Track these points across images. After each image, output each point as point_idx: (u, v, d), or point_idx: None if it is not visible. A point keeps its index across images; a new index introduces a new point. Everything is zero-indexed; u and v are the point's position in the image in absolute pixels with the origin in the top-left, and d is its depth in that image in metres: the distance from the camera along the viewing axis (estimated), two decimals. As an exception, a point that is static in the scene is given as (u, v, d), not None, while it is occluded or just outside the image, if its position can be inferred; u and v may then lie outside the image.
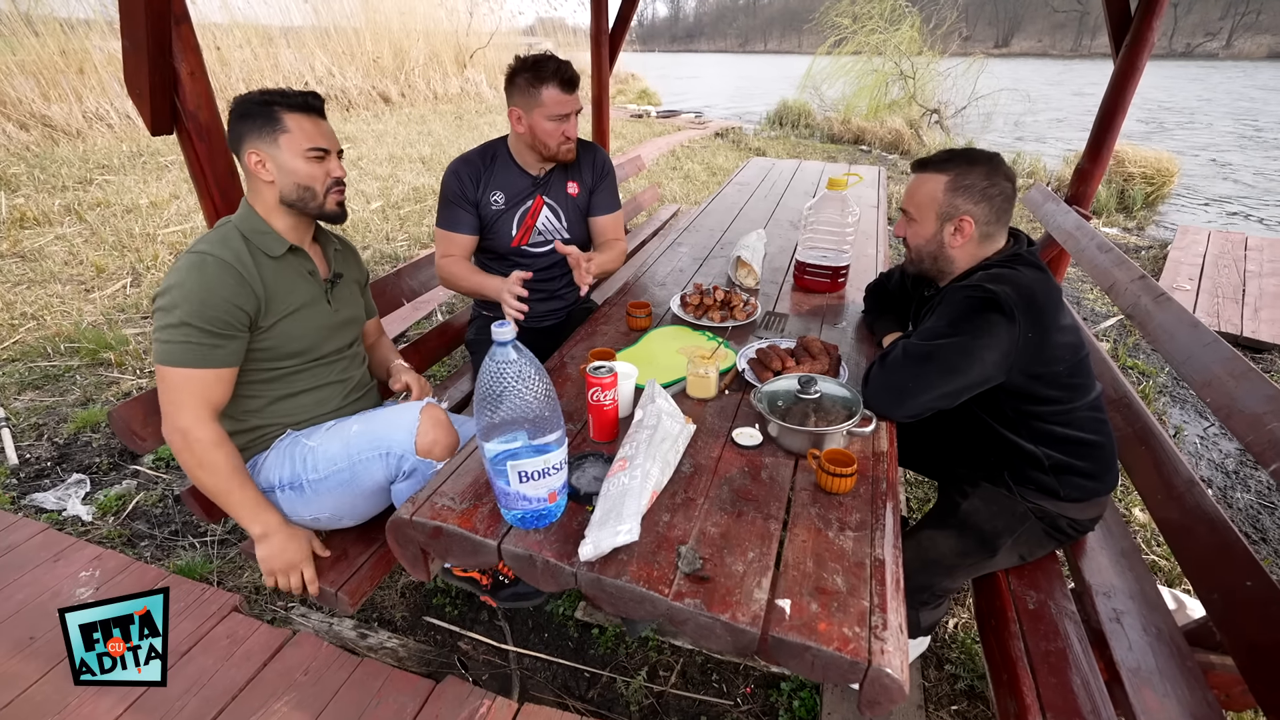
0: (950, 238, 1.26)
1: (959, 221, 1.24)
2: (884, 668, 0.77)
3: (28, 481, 2.24)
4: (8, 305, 3.49)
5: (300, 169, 1.22)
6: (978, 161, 1.24)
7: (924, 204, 1.27)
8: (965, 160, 1.24)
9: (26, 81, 7.70)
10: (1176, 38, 68.69)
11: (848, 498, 1.04)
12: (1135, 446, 1.52)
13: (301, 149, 1.21)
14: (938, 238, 1.27)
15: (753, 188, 3.23)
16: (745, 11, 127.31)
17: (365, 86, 11.87)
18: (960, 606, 1.81)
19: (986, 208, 1.23)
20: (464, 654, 1.65)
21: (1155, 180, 6.38)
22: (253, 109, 1.20)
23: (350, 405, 1.42)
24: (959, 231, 1.24)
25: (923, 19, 10.85)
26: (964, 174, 1.23)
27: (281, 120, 1.20)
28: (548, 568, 0.93)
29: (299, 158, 1.22)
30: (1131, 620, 1.21)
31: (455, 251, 1.80)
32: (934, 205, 1.26)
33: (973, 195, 1.22)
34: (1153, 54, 2.55)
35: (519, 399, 0.85)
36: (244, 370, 1.24)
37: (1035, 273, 1.18)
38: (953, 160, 1.25)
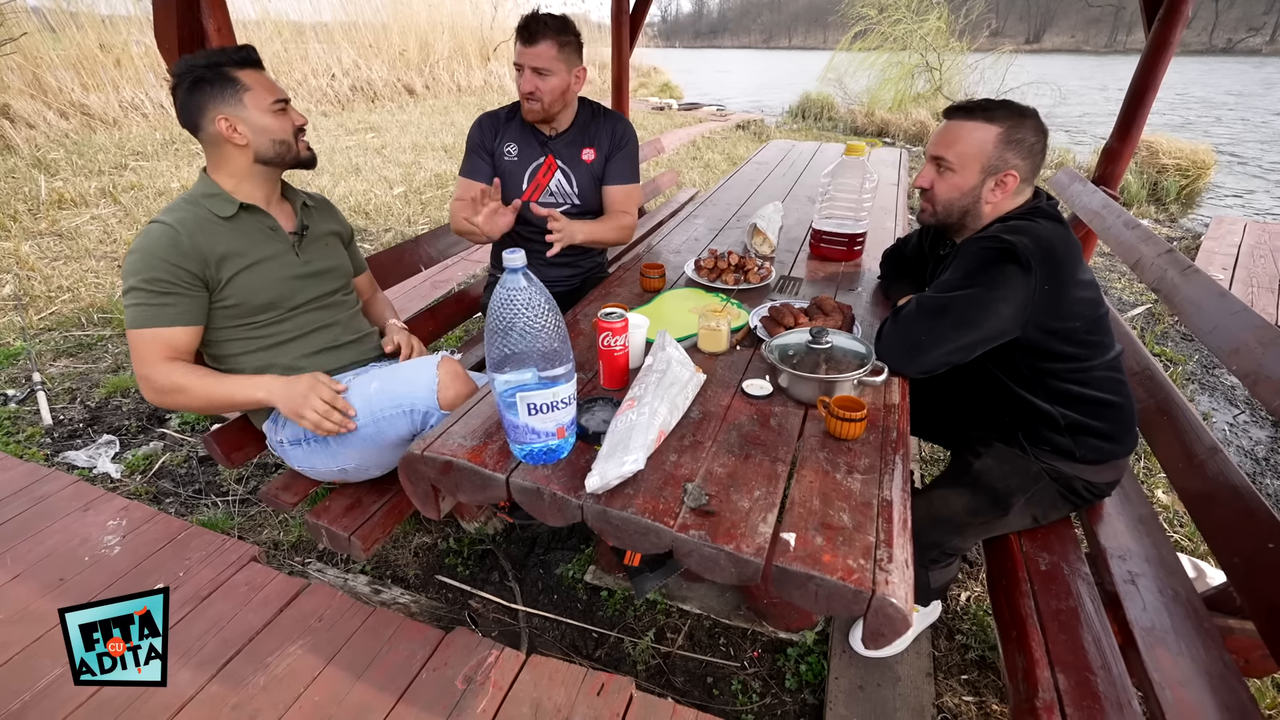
0: (990, 192, 1.21)
1: (1004, 176, 1.19)
2: (888, 597, 0.77)
3: (61, 441, 2.32)
4: (45, 279, 3.61)
5: (271, 124, 1.24)
6: (1027, 114, 1.19)
7: (969, 154, 1.20)
8: (1015, 112, 1.19)
9: (67, 73, 7.94)
10: (1218, 33, 66.53)
11: (857, 444, 1.03)
12: (1156, 417, 1.49)
13: (267, 104, 1.23)
14: (976, 190, 1.22)
15: (771, 166, 3.21)
16: (770, 7, 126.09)
17: (390, 79, 12.03)
18: (973, 580, 1.79)
19: (1031, 164, 1.19)
20: (474, 611, 1.67)
21: (1190, 172, 6.19)
22: (205, 74, 1.19)
23: (341, 349, 1.44)
24: (1000, 186, 1.20)
25: (950, 9, 10.66)
26: (1017, 126, 1.18)
27: (239, 79, 1.21)
28: (555, 500, 0.94)
29: (267, 113, 1.23)
30: (1147, 583, 1.18)
31: (465, 199, 1.79)
32: (981, 156, 1.19)
33: (1022, 150, 1.18)
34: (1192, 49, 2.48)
35: (528, 327, 0.86)
36: (227, 329, 1.29)
37: (1054, 225, 1.16)
38: (1001, 110, 1.19)
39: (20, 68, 7.54)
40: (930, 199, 1.28)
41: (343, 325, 1.45)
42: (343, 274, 1.50)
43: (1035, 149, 1.19)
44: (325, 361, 1.39)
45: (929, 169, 1.28)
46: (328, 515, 1.33)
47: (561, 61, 1.68)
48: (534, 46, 1.64)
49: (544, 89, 1.68)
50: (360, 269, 1.63)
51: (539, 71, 1.66)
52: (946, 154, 1.23)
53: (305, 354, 1.37)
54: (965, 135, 1.21)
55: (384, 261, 1.86)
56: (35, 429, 2.35)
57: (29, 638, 1.39)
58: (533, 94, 1.69)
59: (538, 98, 1.69)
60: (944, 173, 1.25)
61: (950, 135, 1.23)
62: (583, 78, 1.76)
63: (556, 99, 1.72)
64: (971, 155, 1.20)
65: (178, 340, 1.22)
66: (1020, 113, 1.19)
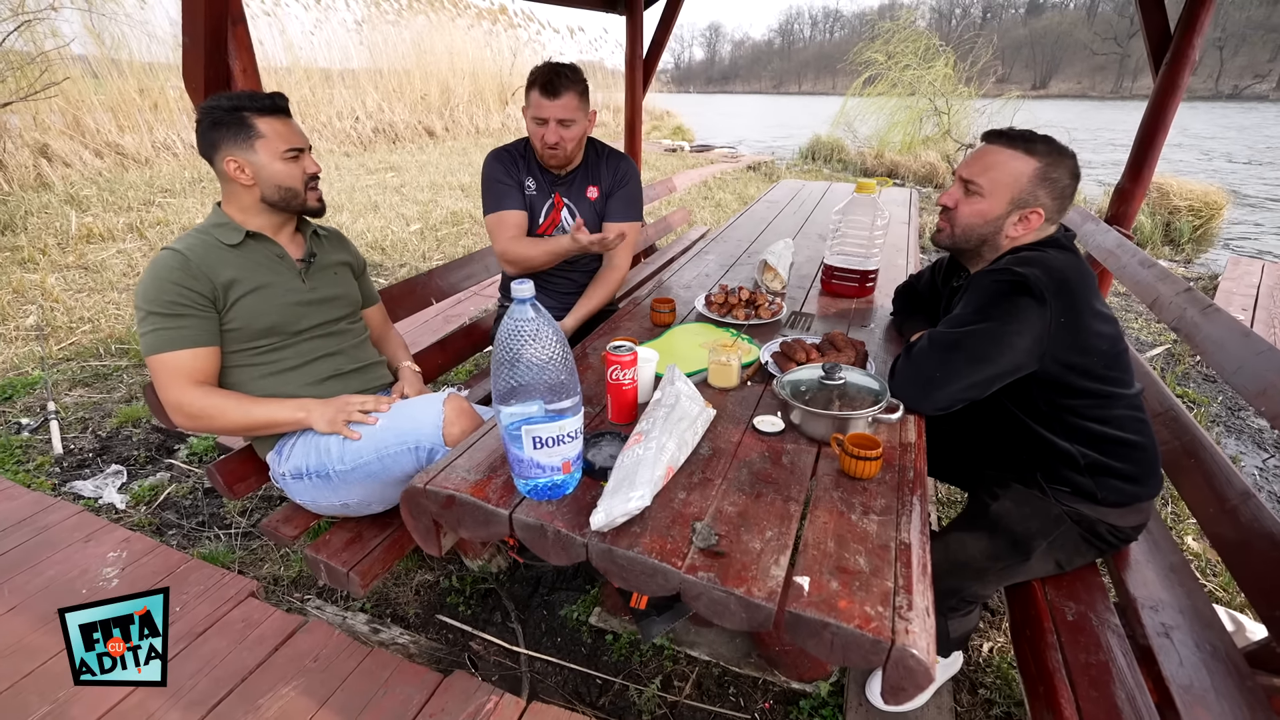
0: (1013, 225, 1.18)
1: (1029, 212, 1.16)
2: (909, 648, 0.72)
3: (69, 471, 2.32)
4: (68, 310, 3.69)
5: (280, 170, 1.28)
6: (1066, 154, 1.16)
7: (1002, 182, 1.16)
8: (1055, 149, 1.16)
9: (106, 115, 8.31)
10: (1224, 79, 67.51)
11: (872, 483, 1.00)
12: (1183, 459, 1.44)
13: (279, 151, 1.27)
14: (999, 221, 1.19)
15: (782, 205, 3.24)
16: (780, 55, 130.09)
17: (412, 121, 12.45)
18: (995, 630, 1.71)
19: (1059, 205, 1.17)
20: (475, 654, 1.62)
21: (1203, 213, 6.17)
22: (223, 116, 1.24)
23: (346, 377, 1.44)
24: (1024, 221, 1.17)
25: (957, 56, 10.91)
26: (1055, 165, 1.15)
27: (254, 125, 1.25)
28: (559, 538, 0.91)
29: (277, 160, 1.27)
30: (1182, 636, 1.12)
31: (511, 230, 1.81)
32: (1014, 187, 1.16)
33: (1055, 190, 1.16)
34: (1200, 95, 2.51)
35: (535, 359, 0.85)
36: (231, 354, 1.30)
37: (1066, 255, 1.14)
38: (1042, 144, 1.16)
39: (62, 110, 7.90)
40: (951, 219, 1.24)
41: (347, 354, 1.45)
42: (349, 303, 1.51)
43: (1066, 191, 1.17)
44: (331, 390, 1.38)
45: (956, 189, 1.24)
46: (327, 549, 1.31)
47: (581, 110, 1.73)
48: (558, 99, 1.68)
49: (568, 138, 1.73)
50: (371, 301, 1.65)
51: (564, 123, 1.71)
52: (979, 178, 1.19)
53: (309, 382, 1.37)
54: (1002, 163, 1.17)
55: (396, 294, 1.87)
56: (45, 458, 2.36)
57: (19, 672, 1.35)
58: (558, 145, 1.73)
59: (562, 147, 1.74)
60: (971, 196, 1.20)
61: (986, 160, 1.19)
62: (594, 120, 1.81)
63: (578, 145, 1.78)
64: (1004, 184, 1.17)
65: (200, 363, 1.24)
66: (1060, 151, 1.16)
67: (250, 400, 1.28)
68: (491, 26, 14.92)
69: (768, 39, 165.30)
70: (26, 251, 4.57)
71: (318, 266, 1.43)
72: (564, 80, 1.67)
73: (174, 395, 1.22)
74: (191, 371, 1.23)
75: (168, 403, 1.22)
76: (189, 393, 1.23)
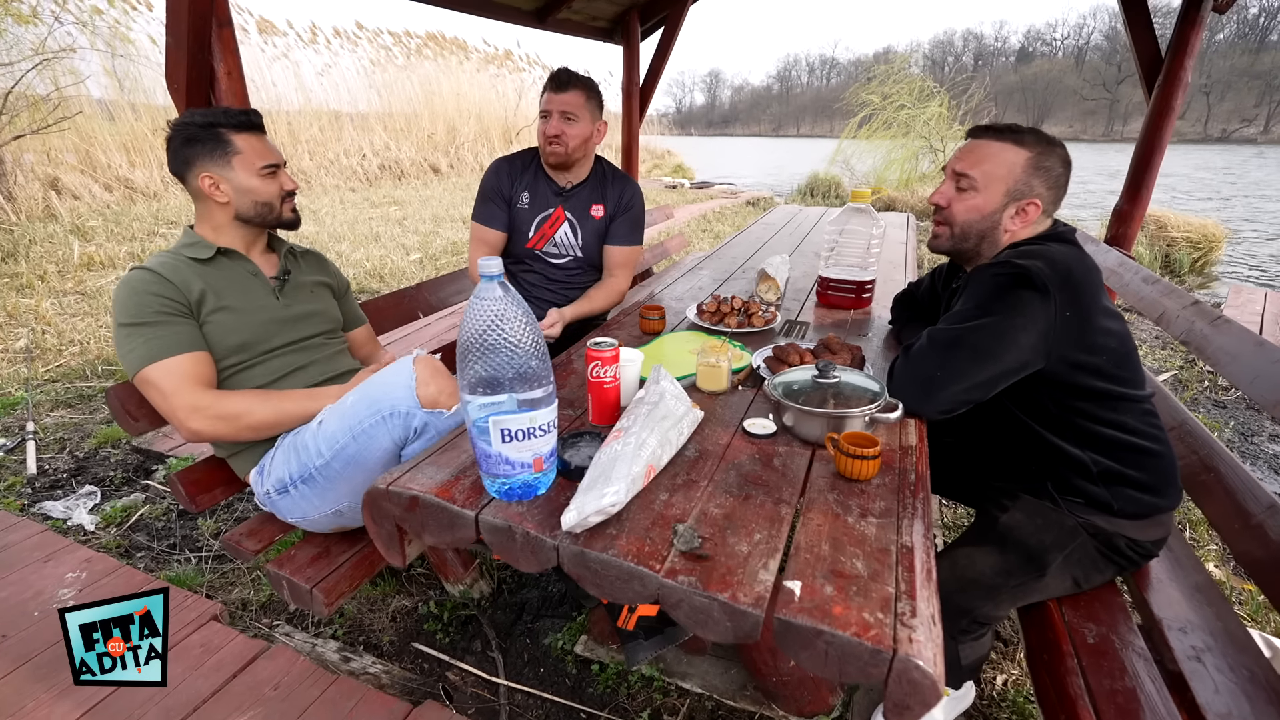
0: (1010, 219, 1.15)
1: (1026, 204, 1.13)
2: (913, 658, 0.64)
3: (41, 491, 2.24)
4: (59, 333, 3.65)
5: (257, 187, 1.26)
6: (1055, 144, 1.14)
7: (995, 175, 1.13)
8: (1044, 140, 1.14)
9: (119, 153, 8.49)
10: (1212, 123, 69.18)
11: (870, 485, 0.92)
12: (1202, 474, 1.36)
13: (255, 168, 1.25)
14: (996, 215, 1.15)
15: (778, 227, 3.23)
16: (778, 99, 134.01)
17: (418, 159, 12.71)
18: (1009, 661, 1.60)
19: (1055, 195, 1.14)
20: (451, 684, 1.51)
21: (1201, 245, 6.18)
22: (198, 133, 1.22)
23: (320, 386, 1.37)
24: (1021, 214, 1.14)
25: (950, 97, 11.17)
26: (1045, 154, 1.12)
27: (231, 142, 1.23)
28: (527, 541, 0.83)
29: (254, 176, 1.25)
30: (1215, 660, 1.02)
31: (484, 249, 1.85)
32: (1008, 179, 1.13)
33: (1049, 179, 1.13)
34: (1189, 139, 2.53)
35: (503, 342, 0.79)
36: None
37: (1069, 248, 1.09)
38: (1031, 135, 1.14)
39: (75, 147, 8.08)
40: (948, 219, 1.20)
41: (319, 365, 1.40)
42: (327, 320, 1.46)
43: (1060, 180, 1.13)
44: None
45: (948, 185, 1.20)
46: (290, 565, 1.22)
47: (587, 111, 1.75)
48: (564, 93, 1.71)
49: (569, 133, 1.74)
50: (357, 323, 1.61)
51: (567, 116, 1.73)
52: (971, 170, 1.15)
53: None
54: (994, 155, 1.14)
55: (381, 306, 1.83)
56: (18, 478, 2.28)
57: (-46, 701, 1.25)
58: (558, 137, 1.74)
59: (562, 141, 1.74)
60: (965, 192, 1.17)
61: (977, 153, 1.16)
62: (604, 131, 1.82)
63: (579, 145, 1.78)
64: (999, 176, 1.13)
65: (202, 368, 1.19)
66: (1049, 141, 1.14)
67: (278, 394, 1.24)
68: (497, 70, 15.38)
69: (766, 84, 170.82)
70: (25, 278, 4.57)
71: (293, 284, 1.40)
72: (574, 78, 1.71)
73: (188, 399, 1.15)
74: (196, 375, 1.17)
75: (183, 408, 1.15)
76: (205, 395, 1.17)
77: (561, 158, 1.78)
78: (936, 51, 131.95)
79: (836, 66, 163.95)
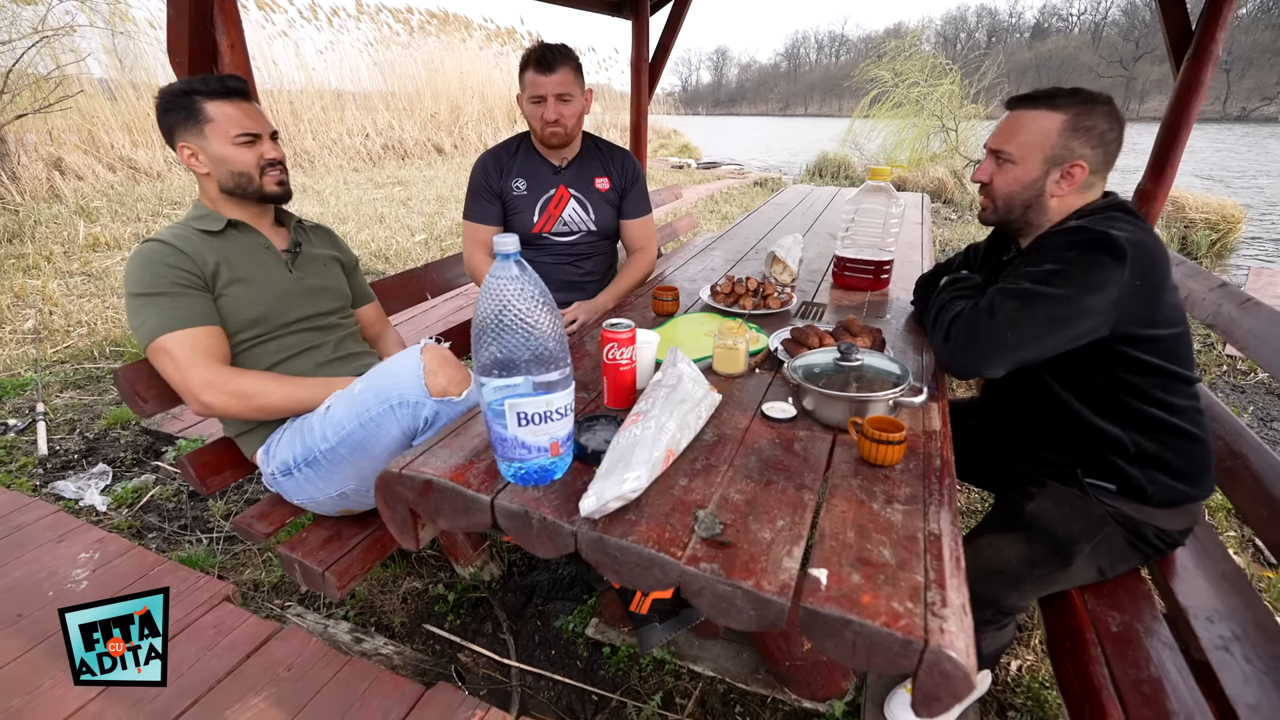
0: (1054, 185, 1.11)
1: (1070, 167, 1.09)
2: (945, 649, 0.62)
3: (53, 472, 2.24)
4: (67, 314, 3.65)
5: (231, 156, 1.21)
6: (1098, 100, 1.09)
7: (1031, 144, 1.10)
8: (1084, 99, 1.09)
9: (121, 132, 8.42)
10: (1231, 101, 67.73)
11: (894, 471, 0.90)
12: (1227, 459, 1.33)
13: (230, 136, 1.20)
14: (1039, 184, 1.11)
15: (790, 207, 3.17)
16: (786, 78, 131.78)
17: (421, 138, 12.57)
18: (1024, 647, 1.58)
19: (1102, 154, 1.09)
20: (463, 666, 1.51)
21: (1220, 227, 6.06)
22: (174, 102, 1.18)
23: (332, 364, 1.36)
24: (1066, 178, 1.09)
25: (962, 75, 10.92)
26: (1085, 114, 1.07)
27: (204, 110, 1.19)
28: (544, 526, 0.81)
29: (228, 145, 1.20)
30: (1245, 650, 1.00)
31: (480, 245, 1.83)
32: (1044, 146, 1.09)
33: (1091, 138, 1.08)
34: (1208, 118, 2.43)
35: (520, 322, 0.76)
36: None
37: (1138, 224, 1.05)
38: (1068, 97, 1.09)
39: (78, 126, 8.01)
40: (990, 194, 1.18)
41: (331, 345, 1.38)
42: (339, 296, 1.44)
43: (1108, 137, 1.08)
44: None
45: (988, 163, 1.19)
46: (302, 548, 1.21)
47: (577, 86, 1.70)
48: (553, 74, 1.65)
49: (568, 114, 1.70)
50: (365, 299, 1.59)
51: (562, 98, 1.68)
52: (1007, 145, 1.13)
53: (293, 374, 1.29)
54: (1027, 124, 1.11)
55: (389, 286, 1.80)
56: (29, 459, 2.29)
57: (-29, 679, 1.26)
58: (558, 120, 1.69)
59: (563, 124, 1.70)
60: (1003, 165, 1.15)
61: (1011, 126, 1.14)
62: (591, 99, 1.78)
63: (577, 123, 1.75)
64: (1034, 145, 1.10)
65: (216, 342, 1.17)
66: (1090, 99, 1.09)
67: (293, 379, 1.22)
68: (501, 48, 15.14)
69: (774, 62, 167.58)
70: (31, 259, 4.56)
71: (305, 257, 1.37)
72: (558, 56, 1.64)
73: (202, 374, 1.13)
74: (209, 349, 1.15)
75: (196, 381, 1.12)
76: (220, 371, 1.15)
77: (563, 139, 1.75)
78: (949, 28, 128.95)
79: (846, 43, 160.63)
